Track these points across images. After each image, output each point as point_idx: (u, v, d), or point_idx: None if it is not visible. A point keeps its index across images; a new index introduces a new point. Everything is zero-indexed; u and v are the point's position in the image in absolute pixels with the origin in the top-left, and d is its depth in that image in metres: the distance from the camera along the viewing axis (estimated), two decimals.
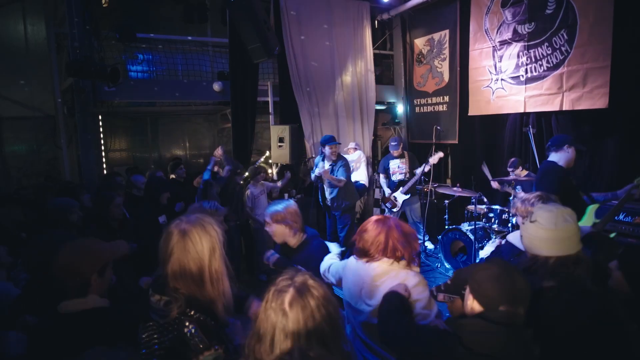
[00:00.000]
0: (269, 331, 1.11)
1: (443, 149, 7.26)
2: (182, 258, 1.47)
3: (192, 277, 1.47)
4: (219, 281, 1.52)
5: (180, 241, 1.48)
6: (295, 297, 1.13)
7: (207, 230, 1.53)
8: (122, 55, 6.83)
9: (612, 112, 4.70)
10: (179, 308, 1.43)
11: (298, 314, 1.10)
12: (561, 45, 5.15)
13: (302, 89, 6.96)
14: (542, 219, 1.72)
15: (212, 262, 1.51)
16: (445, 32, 6.97)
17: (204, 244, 1.50)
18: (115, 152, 8.05)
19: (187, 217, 1.58)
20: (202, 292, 1.49)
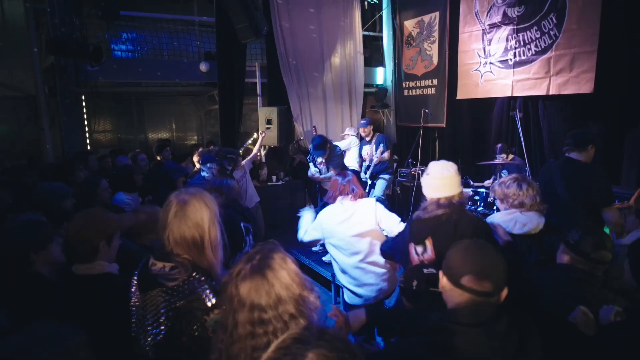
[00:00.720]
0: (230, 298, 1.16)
1: (430, 133, 7.32)
2: (182, 225, 1.52)
3: (194, 242, 1.53)
4: (217, 248, 1.58)
5: (180, 210, 1.53)
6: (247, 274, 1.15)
7: (206, 202, 1.59)
8: (106, 33, 6.63)
9: (597, 97, 4.75)
10: (187, 271, 1.49)
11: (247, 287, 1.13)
12: (550, 29, 5.15)
13: (290, 70, 6.88)
14: (432, 171, 2.21)
15: (212, 231, 1.57)
16: (435, 14, 6.91)
17: (203, 213, 1.56)
18: (100, 134, 7.89)
19: (187, 189, 1.63)
20: (202, 257, 1.54)
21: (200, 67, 6.51)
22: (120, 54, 6.96)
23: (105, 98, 7.65)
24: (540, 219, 2.28)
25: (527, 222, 2.26)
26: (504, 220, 2.32)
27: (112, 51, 6.80)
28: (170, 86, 7.56)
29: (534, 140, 5.57)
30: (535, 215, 2.28)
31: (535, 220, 2.26)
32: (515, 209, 2.32)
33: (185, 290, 1.47)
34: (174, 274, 1.48)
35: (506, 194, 2.36)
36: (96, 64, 5.07)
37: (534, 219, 2.27)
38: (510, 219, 2.30)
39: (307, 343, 0.83)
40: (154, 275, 1.51)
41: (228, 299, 1.17)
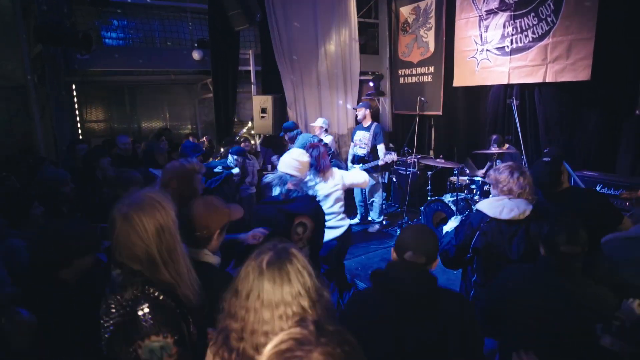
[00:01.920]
0: (245, 287, 1.15)
1: (426, 121, 7.29)
2: (128, 244, 1.37)
3: (142, 262, 1.38)
4: (175, 263, 1.42)
5: (124, 226, 1.37)
6: (273, 259, 1.16)
7: (150, 210, 1.40)
8: (96, 21, 6.49)
9: (594, 85, 4.73)
10: (135, 288, 1.36)
11: (274, 274, 1.13)
12: (547, 15, 5.09)
13: (284, 58, 6.78)
14: None
15: (161, 245, 1.39)
16: (431, 0, 6.81)
17: (147, 227, 1.37)
18: (92, 123, 7.79)
19: (130, 197, 1.43)
20: (158, 275, 1.39)
21: (193, 55, 6.41)
22: (111, 41, 6.81)
23: (97, 87, 7.53)
24: (528, 206, 2.33)
25: (514, 207, 2.32)
26: (492, 206, 2.38)
27: (102, 39, 6.66)
28: (163, 74, 7.43)
29: (530, 128, 5.55)
30: (523, 202, 2.34)
31: (523, 207, 2.31)
32: (504, 195, 2.40)
33: (128, 306, 1.34)
34: (125, 285, 1.36)
35: (498, 180, 2.44)
36: (86, 52, 4.96)
37: (522, 205, 2.32)
38: (498, 205, 2.37)
39: (309, 344, 0.80)
40: (111, 281, 1.41)
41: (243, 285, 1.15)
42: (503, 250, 2.31)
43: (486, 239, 2.35)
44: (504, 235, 2.31)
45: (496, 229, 2.33)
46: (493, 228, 2.33)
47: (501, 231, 2.32)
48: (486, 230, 2.35)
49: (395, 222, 6.22)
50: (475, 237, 2.39)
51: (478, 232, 2.38)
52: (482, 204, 2.46)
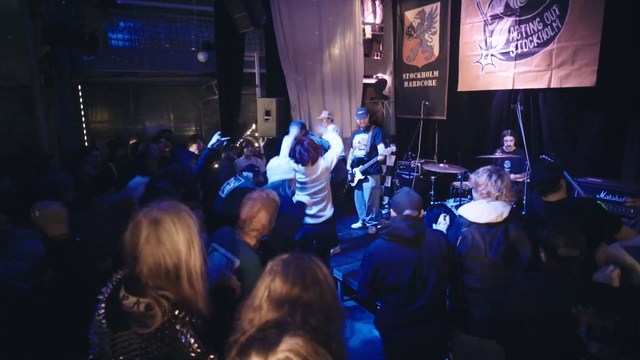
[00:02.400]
0: (259, 293, 1.11)
1: (430, 125, 7.28)
2: (157, 252, 1.25)
3: (168, 274, 1.26)
4: (198, 280, 1.31)
5: (153, 232, 1.26)
6: (290, 263, 1.13)
7: (183, 218, 1.32)
8: (102, 22, 6.52)
9: (599, 91, 4.71)
10: (165, 313, 1.23)
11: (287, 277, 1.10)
12: (552, 20, 5.09)
13: (289, 60, 6.80)
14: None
15: (190, 257, 1.30)
16: (436, 4, 6.82)
17: (180, 234, 1.29)
18: (97, 124, 7.81)
19: (158, 203, 1.34)
20: (179, 289, 1.28)
21: (198, 57, 6.43)
22: (117, 43, 6.85)
23: (102, 88, 7.56)
24: (505, 207, 2.37)
25: (492, 210, 2.37)
26: (472, 210, 2.44)
27: (108, 40, 6.70)
28: (168, 76, 7.46)
29: (534, 133, 5.54)
30: (501, 205, 2.38)
31: (500, 209, 2.36)
32: (483, 199, 2.46)
33: (165, 337, 1.22)
34: (150, 316, 1.22)
35: (477, 183, 2.50)
36: (92, 53, 4.99)
37: (499, 207, 2.37)
38: (477, 209, 2.42)
39: (284, 329, 0.78)
40: (125, 313, 1.25)
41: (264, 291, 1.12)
42: (484, 252, 2.37)
43: (467, 242, 2.41)
44: (484, 237, 2.37)
45: (476, 232, 2.40)
46: (473, 232, 2.40)
47: (481, 234, 2.38)
48: (466, 234, 2.42)
49: None
50: (458, 242, 2.46)
51: (460, 237, 2.45)
52: (463, 208, 2.51)
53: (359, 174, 5.89)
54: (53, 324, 1.73)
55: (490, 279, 2.37)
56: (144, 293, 1.25)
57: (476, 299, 2.43)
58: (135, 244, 1.27)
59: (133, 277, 1.28)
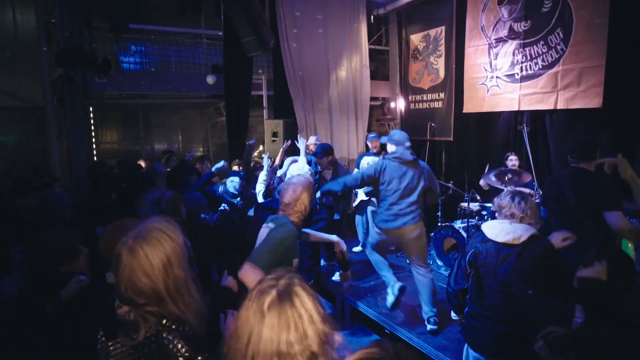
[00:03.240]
0: (246, 331, 1.05)
1: (437, 146, 7.29)
2: (133, 279, 1.30)
3: (149, 297, 1.31)
4: (182, 296, 1.35)
5: (129, 260, 1.31)
6: (275, 301, 1.06)
7: (158, 242, 1.34)
8: (114, 46, 6.71)
9: (606, 112, 4.71)
10: (152, 324, 1.30)
11: (274, 319, 1.04)
12: (557, 43, 5.14)
13: (296, 83, 6.91)
14: None
15: (168, 279, 1.33)
16: (441, 28, 6.94)
17: (153, 260, 1.31)
18: (106, 145, 7.93)
19: (136, 228, 1.38)
20: (166, 309, 1.33)
21: (207, 80, 6.55)
22: (128, 66, 7.02)
23: (112, 109, 7.71)
24: (527, 231, 2.34)
25: (511, 231, 2.36)
26: (490, 228, 2.44)
27: (120, 63, 6.87)
28: (177, 98, 7.61)
29: (542, 154, 5.52)
30: (522, 227, 2.36)
31: (519, 232, 2.34)
32: (506, 220, 2.44)
33: (152, 344, 1.28)
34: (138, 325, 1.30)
35: (501, 206, 2.50)
36: (104, 76, 5.11)
37: (518, 230, 2.35)
38: (497, 227, 2.42)
39: None
40: (118, 320, 1.34)
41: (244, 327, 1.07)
42: (495, 271, 2.35)
43: (481, 257, 2.43)
44: (498, 257, 2.36)
45: (492, 250, 2.39)
46: (489, 248, 2.41)
47: (497, 253, 2.37)
48: (481, 249, 2.43)
49: None
50: (473, 256, 2.47)
51: (474, 251, 2.47)
52: (486, 224, 2.52)
53: (361, 194, 5.83)
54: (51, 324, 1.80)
55: (499, 298, 2.33)
56: (131, 305, 1.33)
57: (483, 316, 2.40)
58: (117, 271, 1.33)
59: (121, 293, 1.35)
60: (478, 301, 2.44)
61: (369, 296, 4.70)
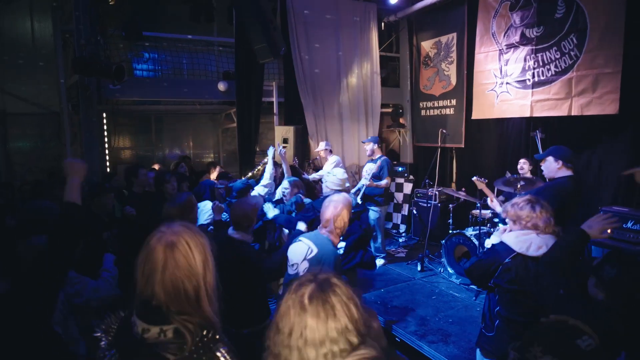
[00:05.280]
0: (287, 324, 1.07)
1: (448, 153, 7.25)
2: (176, 276, 1.23)
3: (188, 297, 1.24)
4: (214, 297, 1.30)
5: (170, 255, 1.23)
6: (316, 292, 1.08)
7: (197, 237, 1.30)
8: (128, 53, 6.83)
9: (623, 119, 4.63)
10: (195, 336, 1.21)
11: (317, 308, 1.06)
12: (570, 49, 5.09)
13: (307, 89, 6.93)
14: None
15: (207, 277, 1.29)
16: (452, 35, 6.92)
17: (196, 255, 1.27)
18: (119, 150, 8.04)
19: (168, 227, 1.32)
20: (199, 311, 1.26)
21: (218, 87, 6.62)
22: (141, 73, 7.14)
23: (125, 115, 7.83)
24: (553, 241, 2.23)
25: (543, 245, 2.20)
26: (519, 241, 2.26)
27: (133, 70, 6.98)
28: (189, 104, 7.69)
29: None
30: (551, 239, 2.23)
31: (551, 243, 2.20)
32: (530, 231, 2.28)
33: (202, 356, 1.20)
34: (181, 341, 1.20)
35: (519, 216, 2.31)
36: (118, 82, 5.19)
37: (550, 242, 2.21)
38: (526, 240, 2.25)
39: None
40: (150, 345, 1.20)
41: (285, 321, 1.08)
42: (528, 287, 2.20)
43: (510, 275, 2.24)
44: (529, 272, 2.20)
45: (522, 265, 2.22)
46: (519, 264, 2.23)
47: (527, 268, 2.21)
48: (510, 265, 2.25)
49: (416, 256, 6.08)
50: (499, 270, 2.29)
51: (502, 266, 2.28)
52: (508, 237, 2.34)
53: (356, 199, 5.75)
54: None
55: (530, 314, 2.21)
56: (166, 320, 1.22)
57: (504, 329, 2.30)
58: (153, 271, 1.24)
59: (150, 307, 1.24)
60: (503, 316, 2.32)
61: (379, 303, 4.66)
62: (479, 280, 2.49)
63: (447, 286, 5.12)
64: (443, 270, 5.56)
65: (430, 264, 5.87)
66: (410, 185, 7.34)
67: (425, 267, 5.73)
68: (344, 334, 1.03)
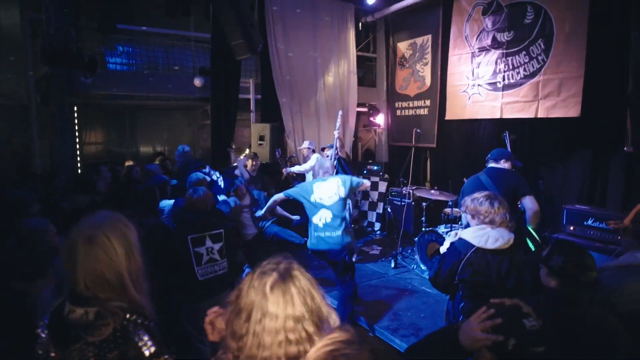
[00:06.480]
0: (246, 308, 1.10)
1: (422, 153, 7.39)
2: (97, 269, 1.28)
3: (112, 286, 1.29)
4: (140, 282, 1.36)
5: (89, 250, 1.28)
6: (277, 281, 1.11)
7: (118, 228, 1.34)
8: (101, 46, 6.67)
9: (585, 122, 4.85)
10: (117, 317, 1.26)
11: (278, 297, 1.09)
12: (538, 54, 5.29)
13: (284, 87, 6.94)
14: None
15: (131, 265, 1.33)
16: (427, 37, 7.07)
17: (117, 248, 1.31)
18: (90, 146, 7.83)
19: (90, 219, 1.35)
20: (126, 297, 1.31)
21: (194, 82, 6.55)
22: (114, 66, 6.98)
23: (98, 110, 7.63)
24: (510, 234, 2.37)
25: (499, 237, 2.34)
26: (476, 235, 2.38)
27: (106, 64, 6.82)
28: (164, 100, 7.57)
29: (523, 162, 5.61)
30: (506, 231, 2.37)
31: (507, 236, 2.35)
32: (486, 225, 2.40)
33: (118, 339, 1.24)
34: (101, 323, 1.24)
35: (478, 211, 2.44)
36: (90, 75, 5.07)
37: (505, 234, 2.36)
38: (483, 234, 2.37)
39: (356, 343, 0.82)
40: (73, 325, 1.26)
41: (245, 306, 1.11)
42: (490, 279, 2.31)
43: (472, 268, 2.34)
44: (490, 265, 2.32)
45: (482, 259, 2.33)
46: (479, 257, 2.33)
47: (487, 261, 2.33)
48: (472, 260, 2.35)
49: (390, 253, 6.19)
50: (461, 266, 2.38)
51: (463, 262, 2.37)
52: (466, 233, 2.46)
53: None
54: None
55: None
56: (91, 304, 1.27)
57: None
58: (73, 264, 1.28)
59: (77, 292, 1.29)
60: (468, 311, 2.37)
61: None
62: (443, 286, 2.56)
63: (419, 282, 5.23)
64: (416, 267, 5.68)
65: (404, 260, 5.98)
66: (385, 184, 7.45)
67: (399, 264, 5.84)
68: (300, 323, 1.07)
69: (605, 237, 3.85)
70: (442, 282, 2.51)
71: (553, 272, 1.83)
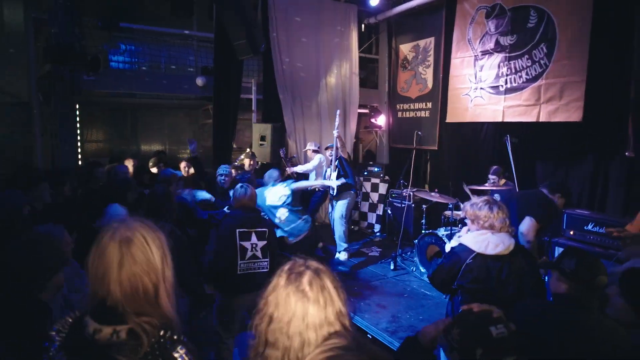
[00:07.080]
0: (286, 312, 1.09)
1: (423, 155, 7.39)
2: (134, 273, 1.17)
3: (147, 295, 1.18)
4: (172, 293, 1.25)
5: (127, 251, 1.17)
6: (314, 277, 1.13)
7: (154, 232, 1.25)
8: (104, 44, 6.68)
9: (587, 126, 4.85)
10: (152, 336, 1.15)
11: (318, 294, 1.10)
12: (540, 58, 5.29)
13: (286, 87, 6.95)
14: None
15: (166, 272, 1.23)
16: (430, 39, 7.07)
17: (154, 250, 1.21)
18: (92, 144, 7.85)
19: (122, 222, 1.25)
20: (158, 311, 1.20)
21: (196, 81, 6.56)
22: (117, 65, 6.99)
23: (100, 108, 7.65)
24: (511, 240, 2.35)
25: (499, 242, 2.32)
26: (477, 241, 2.36)
27: (109, 62, 6.83)
28: (166, 99, 7.58)
29: (525, 166, 5.63)
30: (506, 237, 2.35)
31: (507, 242, 2.33)
32: (486, 230, 2.38)
33: (158, 357, 1.15)
34: (135, 343, 1.13)
35: (477, 216, 2.41)
36: (93, 73, 5.09)
37: (506, 240, 2.33)
38: (483, 239, 2.35)
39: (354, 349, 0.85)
40: (101, 347, 1.13)
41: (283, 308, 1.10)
42: (490, 286, 2.29)
43: (472, 275, 2.32)
44: (490, 271, 2.30)
45: (482, 265, 2.32)
46: (479, 264, 2.31)
47: (487, 267, 2.31)
48: (472, 266, 2.33)
49: (389, 255, 6.19)
50: (461, 272, 2.36)
51: (463, 268, 2.36)
52: (466, 238, 2.44)
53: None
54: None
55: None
56: (121, 320, 1.16)
57: None
58: (108, 269, 1.17)
59: (104, 307, 1.17)
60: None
61: (352, 300, 4.72)
62: (441, 285, 2.56)
63: (418, 284, 5.23)
64: (415, 269, 5.67)
65: (403, 263, 5.98)
66: (386, 186, 7.45)
67: (398, 265, 5.83)
68: (339, 318, 1.10)
69: (605, 242, 3.85)
70: (439, 281, 2.52)
71: (564, 275, 1.80)
